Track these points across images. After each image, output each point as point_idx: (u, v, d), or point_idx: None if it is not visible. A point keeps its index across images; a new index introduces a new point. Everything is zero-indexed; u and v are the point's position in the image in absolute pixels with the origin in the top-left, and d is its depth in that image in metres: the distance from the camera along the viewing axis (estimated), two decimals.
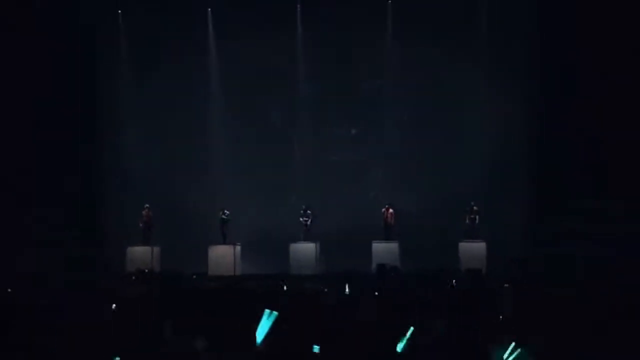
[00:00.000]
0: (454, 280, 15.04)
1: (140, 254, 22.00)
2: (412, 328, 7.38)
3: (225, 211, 22.57)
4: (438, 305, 9.98)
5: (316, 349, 6.96)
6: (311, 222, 22.60)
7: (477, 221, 21.77)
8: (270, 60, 24.01)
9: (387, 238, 22.14)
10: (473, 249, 21.35)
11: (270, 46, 23.95)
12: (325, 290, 13.44)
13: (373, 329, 8.01)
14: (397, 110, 24.06)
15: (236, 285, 15.40)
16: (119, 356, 7.05)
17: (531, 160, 22.91)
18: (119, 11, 24.40)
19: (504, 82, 23.16)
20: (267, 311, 7.32)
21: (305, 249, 22.29)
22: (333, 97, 24.13)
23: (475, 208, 21.81)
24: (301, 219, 22.59)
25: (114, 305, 10.21)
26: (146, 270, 18.82)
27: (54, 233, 22.38)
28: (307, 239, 22.53)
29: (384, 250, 21.53)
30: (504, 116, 23.22)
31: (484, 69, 23.28)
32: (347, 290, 13.24)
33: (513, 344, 6.76)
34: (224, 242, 22.49)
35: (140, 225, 22.57)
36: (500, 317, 9.60)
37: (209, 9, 24.35)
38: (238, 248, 22.44)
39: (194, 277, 18.69)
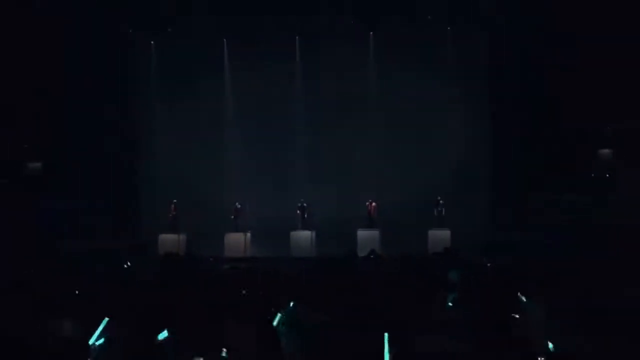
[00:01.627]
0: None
1: (169, 240, 23.36)
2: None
3: (238, 204, 24.00)
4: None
5: None
6: (307, 213, 24.18)
7: (443, 212, 23.28)
8: (274, 82, 25.64)
9: (370, 227, 23.53)
10: (440, 236, 22.62)
11: (274, 71, 25.71)
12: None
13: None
14: (381, 120, 25.63)
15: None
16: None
17: (489, 163, 24.82)
18: (152, 42, 26.66)
19: (466, 97, 25.15)
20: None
21: (303, 236, 23.71)
22: (326, 110, 25.80)
23: (441, 201, 23.35)
24: (299, 211, 24.15)
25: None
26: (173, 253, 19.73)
27: (101, 223, 24.37)
28: (304, 227, 23.91)
29: (367, 237, 22.82)
30: (465, 127, 25.13)
31: (452, 84, 25.14)
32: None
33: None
34: (237, 230, 23.71)
35: (169, 216, 24.04)
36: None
37: (225, 40, 26.51)
38: (249, 235, 23.74)
39: (211, 259, 19.16)
